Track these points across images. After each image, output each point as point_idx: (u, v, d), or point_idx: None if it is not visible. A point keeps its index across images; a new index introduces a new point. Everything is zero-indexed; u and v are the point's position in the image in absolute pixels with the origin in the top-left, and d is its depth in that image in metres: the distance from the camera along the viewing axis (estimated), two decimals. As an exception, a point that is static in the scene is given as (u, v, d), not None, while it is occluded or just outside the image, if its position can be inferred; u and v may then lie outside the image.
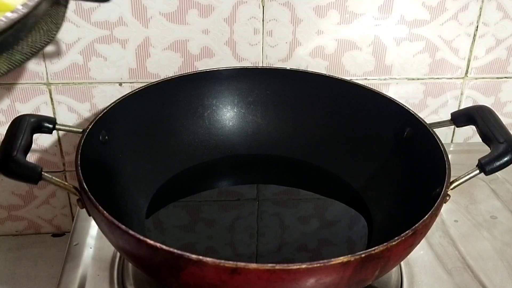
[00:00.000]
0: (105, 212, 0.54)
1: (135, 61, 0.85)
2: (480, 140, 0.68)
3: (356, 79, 0.90)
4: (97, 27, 0.82)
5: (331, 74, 0.83)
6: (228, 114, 0.84)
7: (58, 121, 0.69)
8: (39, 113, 0.83)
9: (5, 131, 0.64)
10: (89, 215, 0.60)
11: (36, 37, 0.50)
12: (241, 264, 0.48)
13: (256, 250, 0.70)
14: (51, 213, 0.99)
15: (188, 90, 0.80)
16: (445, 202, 0.59)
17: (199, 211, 0.75)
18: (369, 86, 0.79)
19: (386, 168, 0.76)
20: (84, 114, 0.89)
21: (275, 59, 0.89)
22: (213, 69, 0.81)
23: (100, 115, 0.69)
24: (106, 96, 0.88)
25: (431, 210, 0.56)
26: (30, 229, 1.01)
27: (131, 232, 0.51)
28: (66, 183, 0.63)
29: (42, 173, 0.61)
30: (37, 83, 0.86)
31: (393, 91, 0.93)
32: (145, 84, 0.76)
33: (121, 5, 0.80)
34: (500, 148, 0.63)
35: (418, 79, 0.93)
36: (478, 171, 0.63)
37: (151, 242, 0.50)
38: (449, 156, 0.64)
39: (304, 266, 0.48)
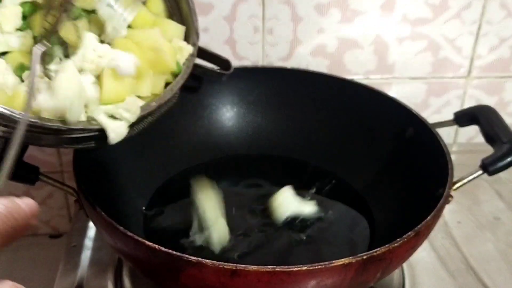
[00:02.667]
0: (103, 213, 0.54)
1: (134, 60, 0.85)
2: (483, 140, 0.68)
3: (358, 78, 0.89)
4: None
5: (332, 73, 0.82)
6: (228, 114, 0.83)
7: (55, 121, 0.68)
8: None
9: (2, 131, 0.63)
10: (87, 216, 0.60)
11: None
12: (241, 266, 0.48)
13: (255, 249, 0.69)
14: (49, 214, 0.99)
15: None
16: (447, 203, 0.59)
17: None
18: (371, 85, 0.78)
19: (388, 168, 0.75)
20: (82, 113, 0.88)
21: (276, 58, 0.89)
22: (213, 68, 0.80)
23: (98, 115, 0.68)
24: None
25: (434, 211, 0.56)
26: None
27: (129, 233, 0.51)
28: (63, 184, 0.63)
29: (40, 173, 0.61)
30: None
31: (395, 91, 0.93)
32: (144, 83, 0.76)
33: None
34: (503, 148, 0.63)
35: (420, 78, 0.93)
36: (481, 171, 0.63)
37: (150, 243, 0.50)
38: (452, 157, 0.63)
39: (305, 268, 0.48)
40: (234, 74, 0.80)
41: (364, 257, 0.49)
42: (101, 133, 0.53)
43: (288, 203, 0.70)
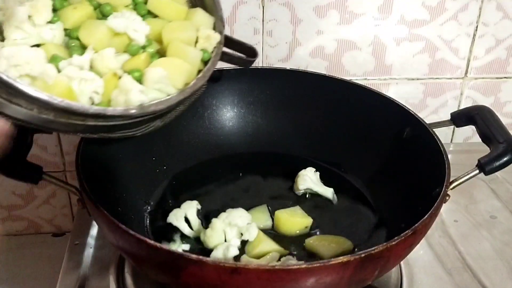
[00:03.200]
0: (105, 212, 0.54)
1: (135, 61, 0.85)
2: (479, 140, 0.68)
3: (356, 79, 0.90)
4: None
5: (331, 74, 0.83)
6: (228, 114, 0.84)
7: (58, 121, 0.69)
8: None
9: (6, 131, 0.64)
10: (90, 215, 0.60)
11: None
12: (241, 264, 0.49)
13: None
14: (51, 213, 0.99)
15: (188, 90, 0.80)
16: (444, 202, 0.60)
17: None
18: (369, 86, 0.79)
19: (386, 168, 0.76)
20: (84, 114, 0.89)
21: (275, 59, 0.89)
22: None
23: (100, 115, 0.69)
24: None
25: (431, 210, 0.56)
26: (30, 229, 1.01)
27: (131, 232, 0.51)
28: (66, 183, 0.63)
29: (43, 173, 0.62)
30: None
31: (393, 91, 0.93)
32: (145, 84, 0.76)
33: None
34: (499, 148, 0.64)
35: (418, 79, 0.93)
36: (477, 171, 0.64)
37: (151, 242, 0.50)
38: (449, 156, 0.64)
39: (304, 266, 0.49)
40: (234, 75, 0.81)
41: (362, 255, 0.50)
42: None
43: (308, 179, 0.76)
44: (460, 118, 0.72)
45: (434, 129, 0.69)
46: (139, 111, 0.53)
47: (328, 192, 0.76)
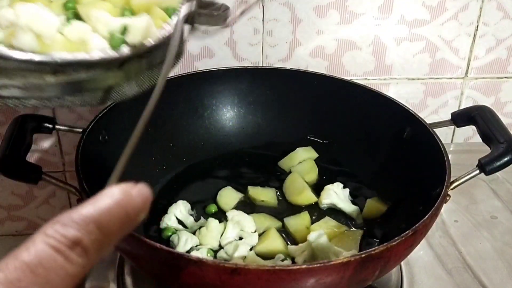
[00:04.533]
0: (105, 212, 0.54)
1: (135, 61, 0.85)
2: (480, 140, 0.68)
3: (356, 79, 0.90)
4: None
5: (331, 74, 0.83)
6: (228, 114, 0.84)
7: (57, 121, 0.69)
8: (38, 113, 0.82)
9: (5, 131, 0.64)
10: (89, 215, 0.60)
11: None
12: (241, 264, 0.49)
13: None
14: (51, 213, 0.99)
15: (188, 90, 0.80)
16: (445, 202, 0.60)
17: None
18: (369, 86, 0.79)
19: (386, 167, 0.76)
20: (83, 114, 0.89)
21: (275, 59, 0.89)
22: (213, 69, 0.81)
23: (100, 115, 0.69)
24: (106, 96, 0.87)
25: (431, 210, 0.56)
26: (29, 229, 1.00)
27: (131, 232, 0.51)
28: (66, 183, 0.63)
29: (42, 173, 0.62)
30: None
31: (393, 91, 0.93)
32: (145, 84, 0.76)
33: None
34: (500, 148, 0.64)
35: (418, 79, 0.93)
36: (478, 171, 0.63)
37: (151, 242, 0.50)
38: (449, 156, 0.64)
39: (304, 266, 0.48)
40: (234, 75, 0.81)
41: (363, 255, 0.50)
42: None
43: (332, 194, 0.73)
44: (460, 118, 0.72)
45: (434, 129, 0.69)
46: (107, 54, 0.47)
47: (353, 209, 0.73)
